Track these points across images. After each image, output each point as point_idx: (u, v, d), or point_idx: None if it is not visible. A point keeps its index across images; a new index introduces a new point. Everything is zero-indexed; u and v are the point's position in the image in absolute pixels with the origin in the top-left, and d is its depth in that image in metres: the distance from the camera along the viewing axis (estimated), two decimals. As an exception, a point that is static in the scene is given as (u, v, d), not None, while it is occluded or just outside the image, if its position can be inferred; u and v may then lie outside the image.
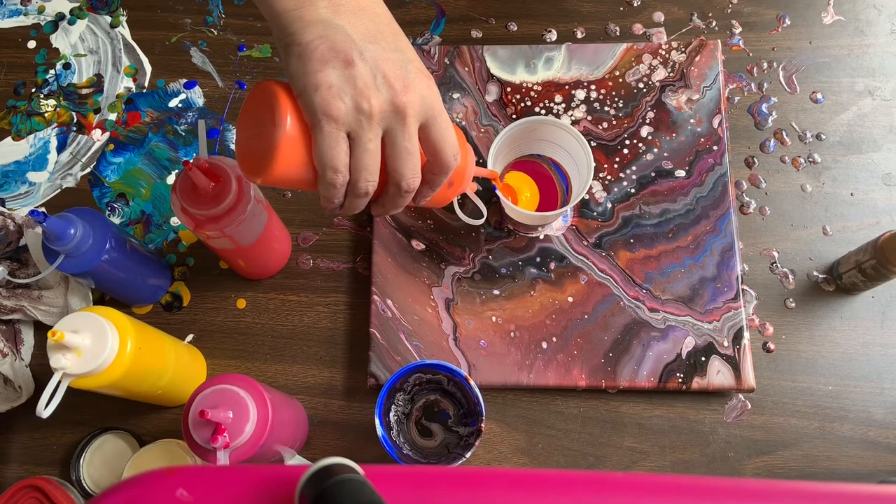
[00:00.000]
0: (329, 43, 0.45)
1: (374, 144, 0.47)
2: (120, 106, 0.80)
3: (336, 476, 0.37)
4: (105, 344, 0.54)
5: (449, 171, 0.51)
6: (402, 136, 0.47)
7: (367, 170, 0.48)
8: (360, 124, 0.46)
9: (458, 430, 0.66)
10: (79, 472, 0.67)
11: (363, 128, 0.46)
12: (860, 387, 0.69)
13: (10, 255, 0.70)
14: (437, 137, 0.49)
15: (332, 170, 0.47)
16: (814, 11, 0.81)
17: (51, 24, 0.83)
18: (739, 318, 0.69)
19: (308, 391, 0.70)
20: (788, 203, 0.74)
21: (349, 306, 0.72)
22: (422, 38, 0.81)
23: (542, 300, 0.70)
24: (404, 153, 0.48)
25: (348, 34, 0.45)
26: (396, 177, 0.49)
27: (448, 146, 0.50)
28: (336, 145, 0.46)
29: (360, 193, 0.49)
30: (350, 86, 0.45)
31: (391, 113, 0.47)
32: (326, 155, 0.46)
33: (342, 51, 0.45)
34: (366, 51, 0.46)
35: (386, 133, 0.48)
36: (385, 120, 0.47)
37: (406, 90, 0.47)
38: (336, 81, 0.45)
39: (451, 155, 0.50)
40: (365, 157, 0.47)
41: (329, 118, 0.45)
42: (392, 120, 0.47)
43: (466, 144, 0.58)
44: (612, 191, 0.73)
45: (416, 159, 0.49)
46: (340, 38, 0.45)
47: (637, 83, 0.76)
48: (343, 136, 0.46)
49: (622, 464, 0.68)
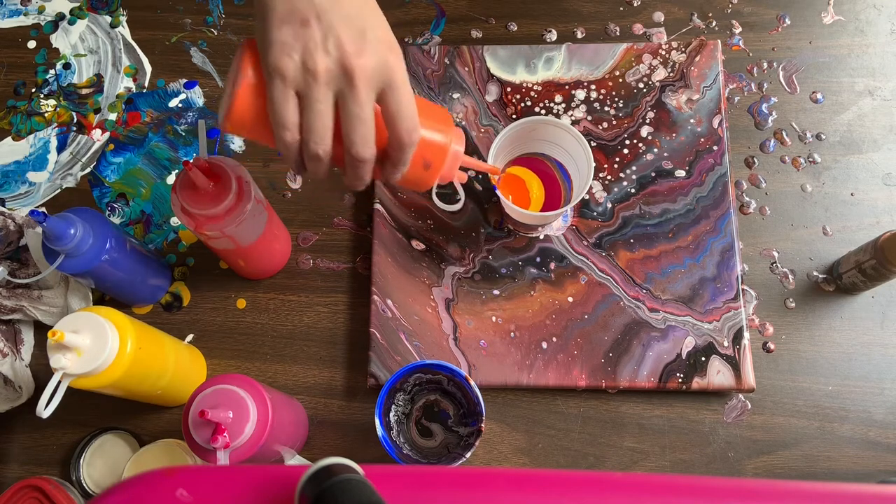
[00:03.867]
0: (289, 4, 0.47)
1: (324, 106, 0.47)
2: (120, 106, 0.80)
3: (336, 476, 0.37)
4: (105, 344, 0.54)
5: (404, 147, 0.50)
6: (351, 100, 0.47)
7: (315, 132, 0.48)
8: (308, 84, 0.47)
9: (458, 430, 0.66)
10: (79, 472, 0.67)
11: (310, 87, 0.47)
12: (860, 387, 0.69)
13: (10, 255, 0.70)
14: (393, 110, 0.49)
15: (280, 126, 0.48)
16: (814, 11, 0.81)
17: (51, 24, 0.83)
18: (739, 318, 0.69)
19: (308, 391, 0.70)
20: (788, 203, 0.74)
21: (349, 306, 0.72)
22: (422, 38, 0.81)
23: (542, 300, 0.70)
24: (354, 119, 0.48)
25: None
26: (347, 143, 0.49)
27: (402, 120, 0.49)
28: (284, 102, 0.47)
29: (311, 156, 0.49)
30: (300, 44, 0.46)
31: (340, 75, 0.47)
32: (274, 110, 0.48)
33: (300, 11, 0.46)
34: (324, 13, 0.47)
35: (338, 97, 0.48)
36: (334, 82, 0.47)
37: (359, 55, 0.47)
38: (289, 40, 0.46)
39: (404, 129, 0.49)
40: (311, 117, 0.48)
41: (278, 74, 0.47)
42: (341, 83, 0.47)
43: (454, 129, 0.56)
44: (612, 191, 0.73)
45: (366, 127, 0.48)
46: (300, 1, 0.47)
47: (637, 83, 0.76)
48: (291, 94, 0.47)
49: (622, 464, 0.68)
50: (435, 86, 0.77)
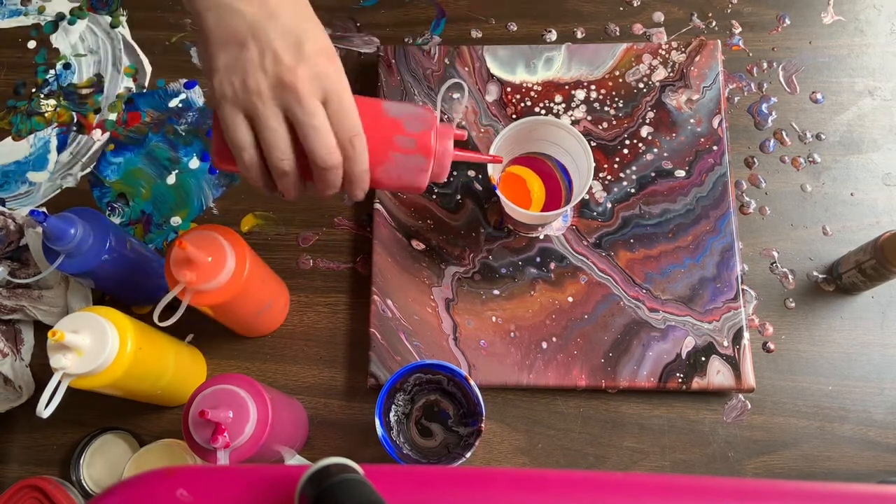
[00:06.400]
0: (225, 28, 0.48)
1: (276, 122, 0.48)
2: (120, 106, 0.80)
3: (336, 476, 0.37)
4: (105, 344, 0.54)
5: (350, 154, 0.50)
6: (300, 112, 0.48)
7: (275, 148, 0.49)
8: (253, 104, 0.48)
9: (458, 430, 0.66)
10: (79, 472, 0.67)
11: (256, 107, 0.48)
12: (860, 387, 0.69)
13: (10, 255, 0.70)
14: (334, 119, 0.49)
15: (237, 147, 0.49)
16: (814, 11, 0.81)
17: (51, 24, 0.83)
18: (739, 318, 0.69)
19: (308, 391, 0.70)
20: (788, 203, 0.74)
21: (349, 306, 0.72)
22: (422, 38, 0.81)
23: (542, 300, 0.70)
24: (308, 129, 0.48)
25: (244, 17, 0.48)
26: (310, 154, 0.50)
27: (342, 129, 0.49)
28: (234, 125, 0.48)
29: (278, 173, 0.50)
30: (240, 67, 0.47)
31: (282, 90, 0.48)
32: (228, 135, 0.49)
33: (236, 33, 0.48)
34: (259, 32, 0.47)
35: (287, 112, 0.48)
36: (278, 98, 0.48)
37: (296, 67, 0.47)
38: (230, 64, 0.48)
39: (345, 137, 0.50)
40: (267, 134, 0.48)
41: (225, 99, 0.48)
42: (286, 98, 0.48)
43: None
44: (612, 191, 0.73)
45: (323, 134, 0.49)
46: (237, 23, 0.48)
47: (637, 83, 0.76)
48: (240, 116, 0.48)
49: (622, 464, 0.68)
50: (435, 86, 0.77)
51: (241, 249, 0.59)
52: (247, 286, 0.59)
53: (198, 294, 0.58)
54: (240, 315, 0.65)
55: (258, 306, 0.66)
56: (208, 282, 0.57)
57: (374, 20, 0.82)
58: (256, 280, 0.62)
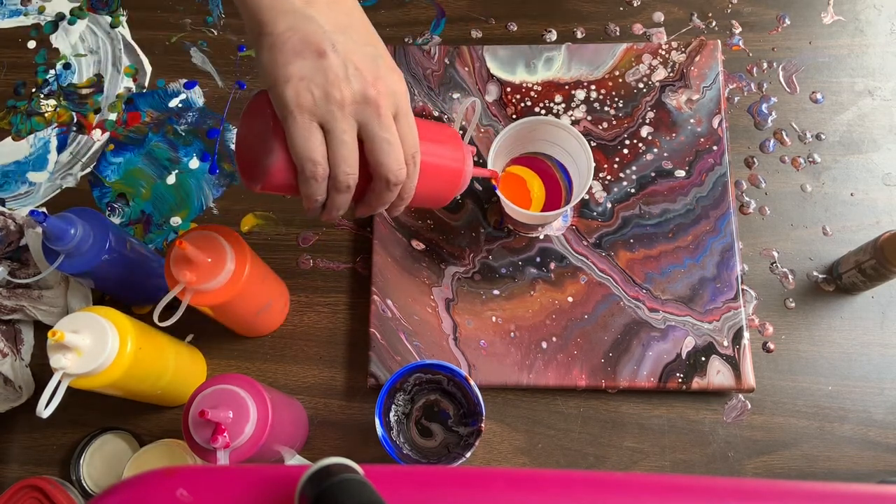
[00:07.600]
0: (301, 34, 0.45)
1: (350, 136, 0.47)
2: (120, 106, 0.80)
3: (336, 476, 0.37)
4: (105, 344, 0.54)
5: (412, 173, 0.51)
6: (379, 127, 0.47)
7: (345, 161, 0.47)
8: (333, 114, 0.46)
9: (458, 430, 0.66)
10: (79, 472, 0.67)
11: (336, 118, 0.46)
12: (860, 387, 0.69)
13: (10, 255, 0.70)
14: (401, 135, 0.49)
15: (310, 161, 0.47)
16: (814, 11, 0.81)
17: (51, 24, 0.83)
18: (739, 318, 0.69)
19: (308, 391, 0.70)
20: (788, 203, 0.74)
21: (349, 306, 0.72)
22: (422, 38, 0.81)
23: (542, 300, 0.70)
24: (385, 144, 0.48)
25: (320, 25, 0.46)
26: (382, 170, 0.49)
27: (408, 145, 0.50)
28: (310, 135, 0.46)
29: (341, 188, 0.48)
30: (321, 76, 0.45)
31: (363, 104, 0.47)
32: (301, 146, 0.46)
33: (314, 42, 0.45)
34: (338, 42, 0.46)
35: (362, 126, 0.47)
36: (358, 112, 0.47)
37: (377, 82, 0.47)
38: (308, 72, 0.45)
39: (409, 153, 0.50)
40: (341, 148, 0.47)
41: (301, 109, 0.45)
42: (366, 112, 0.47)
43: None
44: (612, 191, 0.73)
45: (398, 150, 0.49)
46: (312, 30, 0.45)
47: (637, 83, 0.76)
48: (316, 127, 0.46)
49: (622, 464, 0.68)
50: (435, 86, 0.77)
51: (241, 249, 0.59)
52: (247, 286, 0.59)
53: (198, 294, 0.58)
54: (240, 315, 0.65)
55: (258, 306, 0.66)
56: (208, 282, 0.57)
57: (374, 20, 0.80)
58: (256, 280, 0.62)
